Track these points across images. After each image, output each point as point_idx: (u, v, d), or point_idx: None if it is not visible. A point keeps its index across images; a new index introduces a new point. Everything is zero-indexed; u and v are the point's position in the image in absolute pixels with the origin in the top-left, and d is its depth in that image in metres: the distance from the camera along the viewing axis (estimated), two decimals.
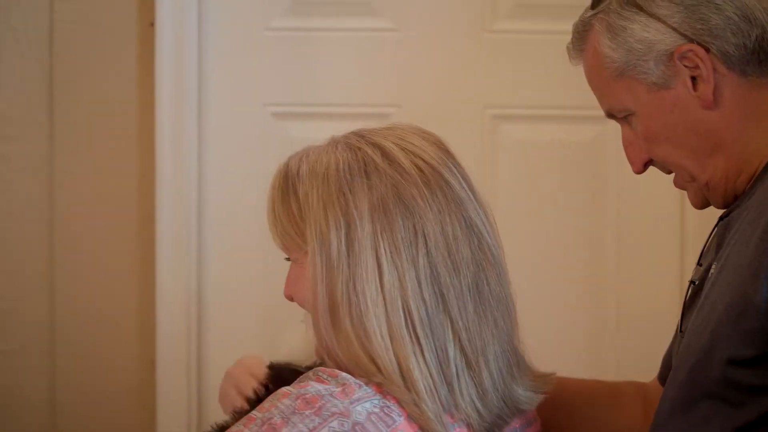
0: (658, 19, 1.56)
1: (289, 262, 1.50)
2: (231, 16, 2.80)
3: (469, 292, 1.42)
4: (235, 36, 2.81)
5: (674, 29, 1.56)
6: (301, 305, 1.48)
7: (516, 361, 1.46)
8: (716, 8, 1.55)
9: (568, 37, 1.66)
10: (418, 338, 1.39)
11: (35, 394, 2.86)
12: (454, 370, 1.40)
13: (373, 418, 1.36)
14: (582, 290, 2.82)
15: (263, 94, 2.81)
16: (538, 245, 2.80)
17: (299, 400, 1.36)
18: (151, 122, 2.78)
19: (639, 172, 1.67)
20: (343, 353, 1.40)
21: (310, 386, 1.37)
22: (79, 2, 2.82)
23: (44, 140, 2.84)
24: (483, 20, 2.79)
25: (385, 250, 1.39)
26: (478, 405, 1.41)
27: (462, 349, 1.40)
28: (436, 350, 1.39)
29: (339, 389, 1.37)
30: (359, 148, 1.45)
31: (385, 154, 1.44)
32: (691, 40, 1.55)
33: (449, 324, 1.40)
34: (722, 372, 1.45)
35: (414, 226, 1.40)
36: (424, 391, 1.38)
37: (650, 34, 1.57)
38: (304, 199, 1.43)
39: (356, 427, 1.35)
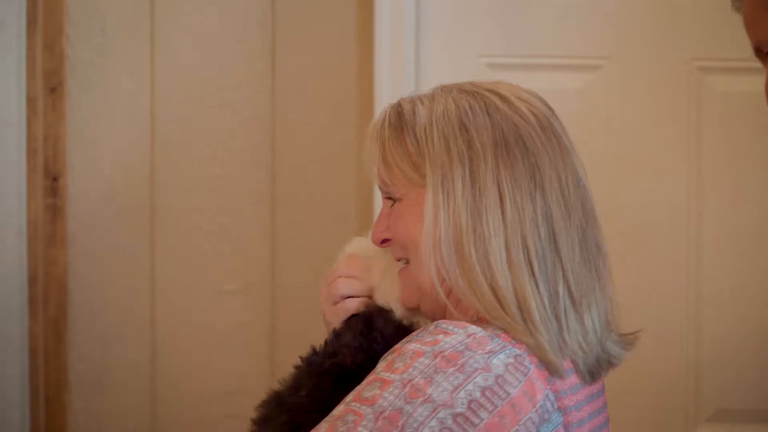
0: None
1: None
2: None
3: (577, 235, 1.44)
4: None
5: None
6: (402, 245, 1.49)
7: (607, 313, 1.47)
8: None
9: None
10: (533, 271, 1.41)
11: (258, 329, 2.96)
12: (562, 306, 1.42)
13: (511, 369, 1.37)
14: None
15: (478, 45, 2.86)
16: (742, 194, 2.86)
17: (438, 358, 1.35)
18: (370, 73, 2.86)
19: None
20: (466, 284, 1.41)
21: (442, 341, 1.37)
22: None
23: (266, 89, 2.94)
24: None
25: (507, 184, 1.42)
26: (583, 344, 1.43)
27: (569, 289, 1.42)
28: (548, 285, 1.41)
29: (470, 340, 1.37)
30: (477, 92, 1.48)
31: (503, 98, 1.47)
32: None
33: (559, 262, 1.42)
34: None
35: (532, 165, 1.43)
36: (540, 322, 1.40)
37: None
38: (422, 135, 1.45)
39: (498, 380, 1.36)
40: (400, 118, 1.48)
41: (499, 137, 1.43)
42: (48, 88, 2.90)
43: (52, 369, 2.95)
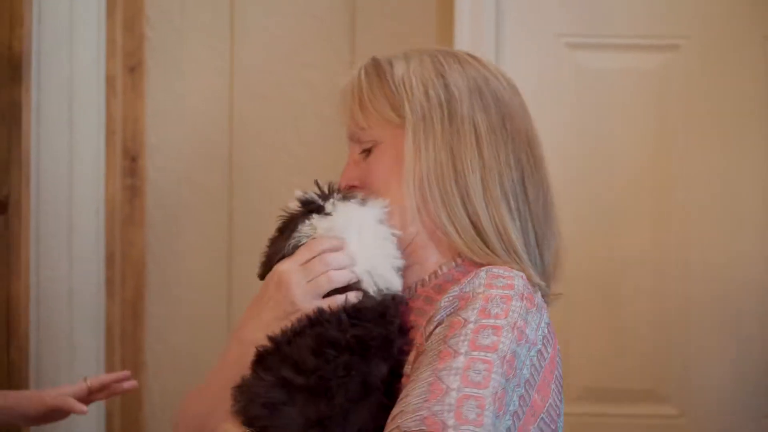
0: None
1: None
2: None
3: (542, 186, 1.53)
4: None
5: None
6: (377, 190, 1.53)
7: (554, 261, 1.57)
8: None
9: None
10: (509, 204, 1.50)
11: None
12: (532, 242, 1.52)
13: (542, 303, 1.47)
14: None
15: (556, 24, 2.89)
16: None
17: (524, 301, 1.42)
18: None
19: None
20: (447, 219, 1.49)
21: (515, 284, 1.43)
22: None
23: (345, 67, 2.93)
24: None
25: (482, 126, 1.50)
26: (543, 278, 1.53)
27: (534, 228, 1.52)
28: (521, 221, 1.50)
29: (525, 281, 1.45)
30: (447, 51, 1.57)
31: (473, 57, 1.56)
32: None
33: (527, 204, 1.51)
34: None
35: (503, 116, 1.51)
36: (522, 251, 1.50)
37: None
38: (400, 81, 1.52)
39: (545, 315, 1.45)
40: (377, 68, 1.54)
41: (473, 85, 1.51)
42: (127, 68, 2.91)
43: (128, 350, 2.95)
